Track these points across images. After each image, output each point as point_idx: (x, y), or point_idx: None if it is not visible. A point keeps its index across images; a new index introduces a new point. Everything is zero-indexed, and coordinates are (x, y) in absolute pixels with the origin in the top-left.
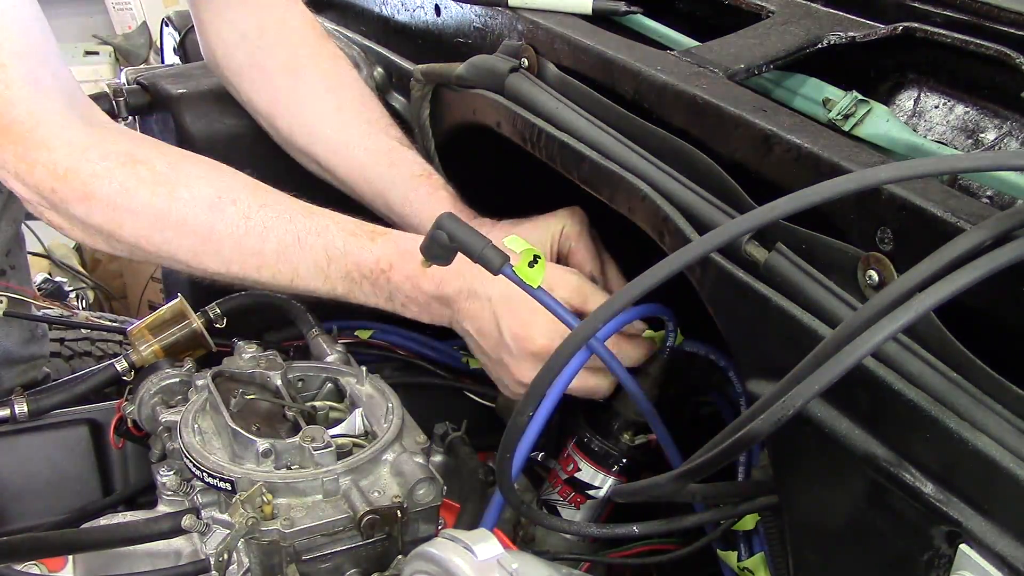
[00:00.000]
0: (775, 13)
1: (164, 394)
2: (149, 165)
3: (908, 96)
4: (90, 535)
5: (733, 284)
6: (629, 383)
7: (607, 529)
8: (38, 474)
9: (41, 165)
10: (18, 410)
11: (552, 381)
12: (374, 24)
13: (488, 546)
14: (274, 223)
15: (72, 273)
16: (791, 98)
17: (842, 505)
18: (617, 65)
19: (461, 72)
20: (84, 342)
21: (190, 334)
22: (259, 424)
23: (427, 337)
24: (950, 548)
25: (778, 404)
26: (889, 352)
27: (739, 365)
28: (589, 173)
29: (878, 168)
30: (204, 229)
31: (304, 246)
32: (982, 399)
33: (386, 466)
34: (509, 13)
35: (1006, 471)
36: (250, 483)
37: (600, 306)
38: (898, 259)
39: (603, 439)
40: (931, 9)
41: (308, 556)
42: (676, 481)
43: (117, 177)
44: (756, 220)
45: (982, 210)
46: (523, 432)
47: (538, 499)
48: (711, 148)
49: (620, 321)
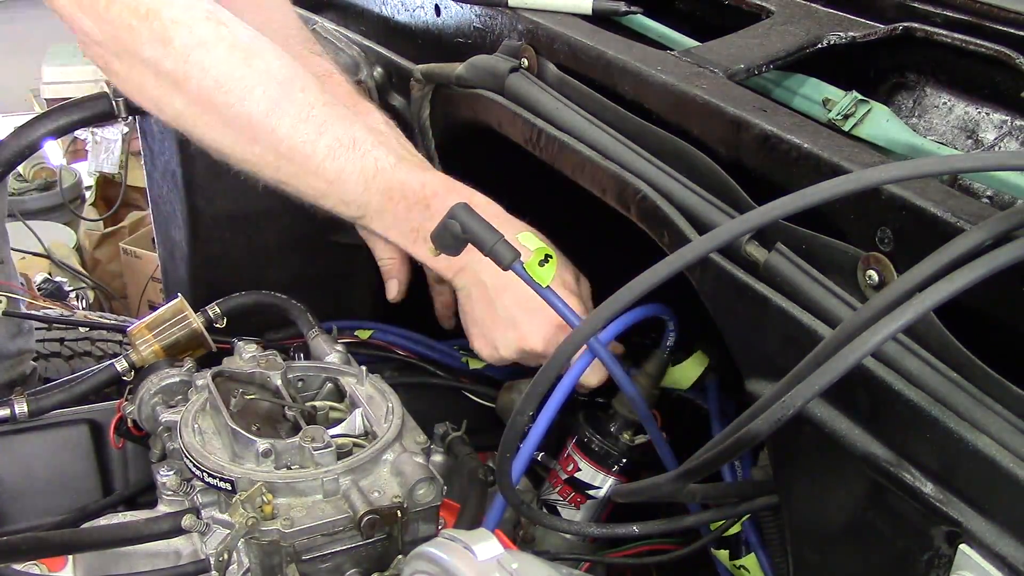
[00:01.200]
0: (775, 13)
1: (164, 394)
2: (231, 28)
3: (908, 96)
4: (90, 535)
5: (733, 284)
6: (627, 385)
7: (607, 529)
8: (38, 474)
9: (121, 1)
10: (18, 410)
11: (552, 380)
12: (374, 24)
13: (488, 546)
14: (335, 120)
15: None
16: (791, 98)
17: (842, 505)
18: (617, 65)
19: (461, 72)
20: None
21: (190, 334)
22: (259, 424)
23: (427, 337)
24: (950, 548)
25: (778, 404)
26: (889, 352)
27: (739, 365)
28: (589, 173)
29: (878, 168)
30: (268, 103)
31: (358, 150)
32: (982, 399)
33: (386, 466)
34: (509, 13)
35: (1006, 471)
36: (250, 483)
37: (600, 306)
38: (898, 259)
39: (603, 439)
40: (931, 9)
41: (308, 556)
42: (676, 481)
43: (198, 30)
44: (756, 220)
45: (982, 210)
46: (523, 432)
47: (538, 499)
48: (711, 148)
49: (621, 321)
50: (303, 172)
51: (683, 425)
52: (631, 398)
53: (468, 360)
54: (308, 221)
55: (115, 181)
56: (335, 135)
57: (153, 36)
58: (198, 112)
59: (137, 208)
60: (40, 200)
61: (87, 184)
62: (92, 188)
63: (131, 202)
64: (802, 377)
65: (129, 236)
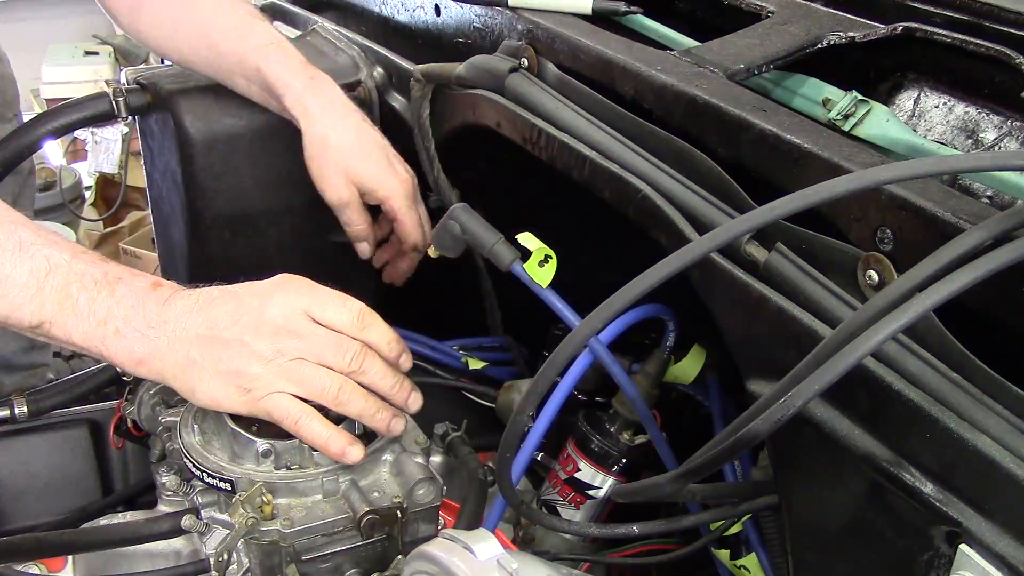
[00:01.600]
0: (775, 13)
1: (164, 394)
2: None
3: (908, 96)
4: (90, 535)
5: (733, 284)
6: (627, 386)
7: (607, 529)
8: (38, 474)
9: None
10: (18, 411)
11: (552, 380)
12: (374, 24)
13: (488, 546)
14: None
15: None
16: (791, 98)
17: (842, 505)
18: (617, 65)
19: (461, 72)
20: None
21: None
22: (259, 424)
23: (427, 337)
24: (950, 548)
25: (778, 404)
26: (889, 352)
27: (739, 365)
28: (589, 173)
29: (878, 168)
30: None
31: (26, 251)
32: (982, 399)
33: (386, 466)
34: (509, 13)
35: (1006, 471)
36: (250, 483)
37: (600, 306)
38: (898, 259)
39: (603, 439)
40: (931, 9)
41: (308, 556)
42: (676, 481)
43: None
44: (756, 220)
45: (982, 210)
46: (523, 432)
47: (538, 499)
48: (711, 148)
49: (621, 321)
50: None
51: (683, 425)
52: (631, 398)
53: (468, 360)
54: (308, 221)
55: (115, 181)
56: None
57: None
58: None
59: (137, 208)
60: (40, 200)
61: (87, 184)
62: (92, 188)
63: (131, 202)
64: (802, 377)
65: (129, 236)
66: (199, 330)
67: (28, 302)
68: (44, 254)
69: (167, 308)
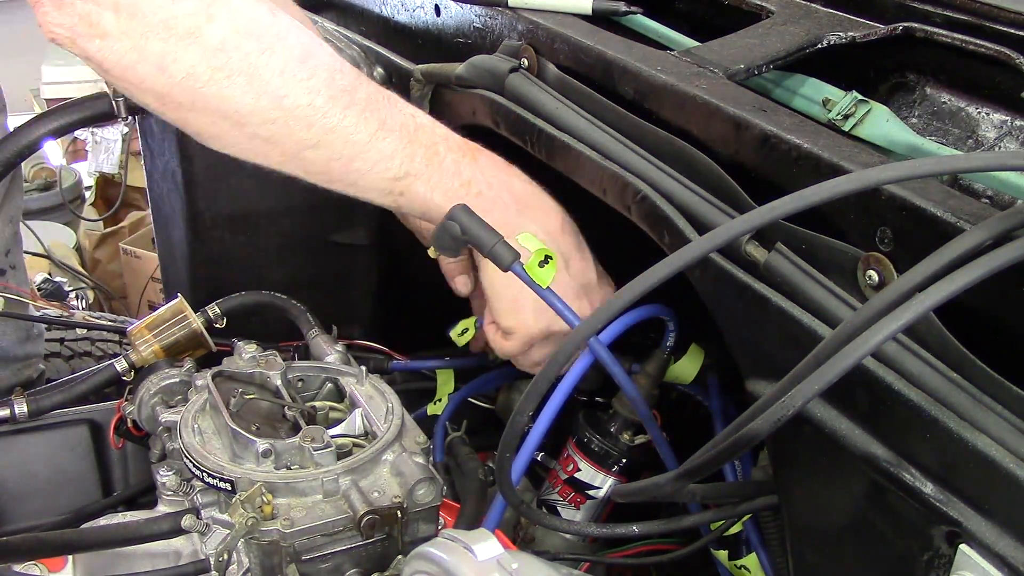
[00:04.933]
0: (775, 13)
1: (164, 394)
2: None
3: (908, 96)
4: (90, 535)
5: (733, 284)
6: (627, 386)
7: (607, 529)
8: (38, 474)
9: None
10: (18, 410)
11: (552, 380)
12: (374, 24)
13: (488, 546)
14: (365, 80)
15: (72, 273)
16: (791, 98)
17: (842, 505)
18: (617, 65)
19: (461, 72)
20: (84, 342)
21: (190, 334)
22: (259, 424)
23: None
24: (950, 548)
25: (778, 404)
26: (889, 352)
27: (739, 365)
28: (589, 173)
29: (878, 168)
30: (301, 50)
31: (394, 105)
32: (982, 399)
33: (386, 466)
34: (509, 13)
35: (1006, 471)
36: (250, 483)
37: (600, 306)
38: (898, 259)
39: (603, 439)
40: (931, 9)
41: (308, 556)
42: (676, 481)
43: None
44: (756, 220)
45: (982, 210)
46: (523, 432)
47: (538, 499)
48: (711, 148)
49: (621, 321)
50: (339, 128)
51: (683, 425)
52: (631, 398)
53: (429, 407)
54: (308, 222)
55: (115, 181)
56: (367, 91)
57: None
58: (217, 66)
59: (137, 208)
60: (40, 200)
61: (87, 184)
62: (92, 188)
63: (131, 202)
64: (802, 377)
65: (129, 236)
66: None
67: (400, 151)
68: (409, 111)
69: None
